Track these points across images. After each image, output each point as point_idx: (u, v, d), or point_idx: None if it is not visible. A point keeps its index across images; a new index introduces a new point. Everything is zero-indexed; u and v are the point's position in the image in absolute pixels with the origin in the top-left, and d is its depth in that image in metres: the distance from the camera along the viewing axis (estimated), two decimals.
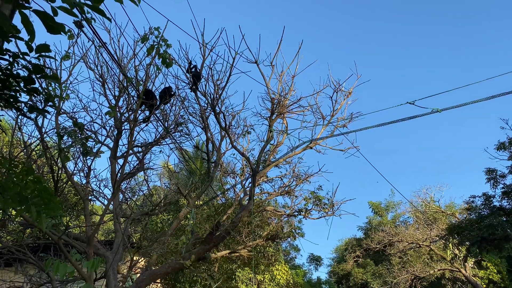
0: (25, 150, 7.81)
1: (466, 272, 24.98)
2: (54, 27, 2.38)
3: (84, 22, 5.71)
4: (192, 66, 9.36)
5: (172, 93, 9.01)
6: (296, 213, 12.54)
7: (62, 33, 2.40)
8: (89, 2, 2.61)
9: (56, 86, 6.24)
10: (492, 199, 19.11)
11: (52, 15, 2.37)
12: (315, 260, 35.81)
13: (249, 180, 12.22)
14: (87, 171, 8.26)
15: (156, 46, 6.84)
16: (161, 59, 6.67)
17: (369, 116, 11.23)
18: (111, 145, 8.39)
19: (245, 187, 12.47)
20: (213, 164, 10.88)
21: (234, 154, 13.09)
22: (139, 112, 8.47)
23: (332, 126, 11.60)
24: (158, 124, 9.14)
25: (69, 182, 8.03)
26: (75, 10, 2.55)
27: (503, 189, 18.62)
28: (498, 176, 18.76)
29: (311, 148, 11.54)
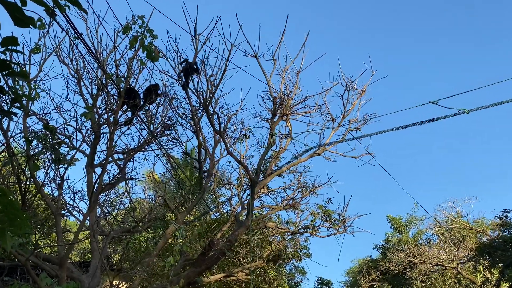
0: None
1: None
2: (22, 20, 2.39)
3: (57, 10, 5.74)
4: (183, 60, 9.40)
5: (159, 91, 9.03)
6: (301, 231, 12.55)
7: (31, 26, 2.42)
8: None
9: (24, 84, 6.26)
10: None
11: (21, 5, 2.40)
12: (324, 284, 35.72)
13: (248, 192, 12.25)
14: (59, 181, 8.25)
15: (140, 38, 6.87)
16: (145, 52, 6.69)
17: (385, 117, 11.30)
18: (87, 152, 8.39)
19: (243, 200, 12.50)
20: (205, 173, 10.88)
21: (230, 162, 13.23)
22: (120, 113, 8.49)
23: (343, 130, 11.66)
24: (142, 127, 9.16)
25: (39, 195, 8.01)
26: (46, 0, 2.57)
27: None
28: None
29: (319, 155, 11.56)
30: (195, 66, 9.32)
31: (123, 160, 9.05)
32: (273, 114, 11.29)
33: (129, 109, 8.68)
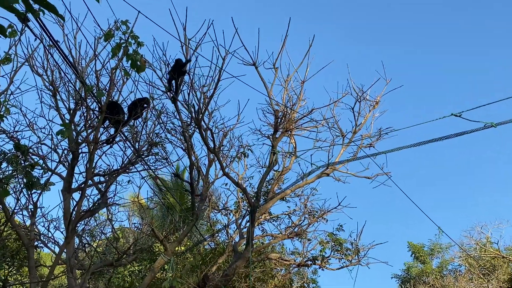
0: None
1: None
2: None
3: (30, 15, 5.81)
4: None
5: (145, 105, 9.07)
6: (309, 262, 12.47)
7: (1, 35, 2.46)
8: None
9: None
10: None
11: None
12: None
13: (247, 218, 12.20)
14: (32, 208, 8.23)
15: (123, 45, 6.91)
16: (130, 61, 6.73)
17: (402, 132, 11.28)
18: (64, 174, 8.39)
19: (242, 227, 12.43)
20: (198, 197, 10.85)
21: (226, 184, 13.12)
22: (102, 130, 8.50)
23: (354, 146, 11.68)
24: (126, 145, 9.18)
25: (9, 224, 7.99)
26: (17, 6, 2.60)
27: None
28: None
29: (327, 175, 11.56)
30: (183, 69, 9.35)
31: (104, 184, 9.04)
32: (275, 129, 11.33)
33: (111, 126, 8.70)
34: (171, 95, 9.58)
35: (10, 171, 7.25)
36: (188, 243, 15.25)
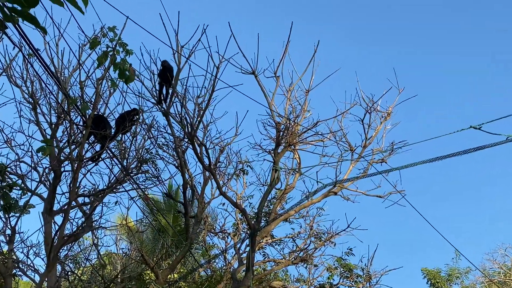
0: None
1: None
2: None
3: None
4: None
5: (134, 118, 9.05)
6: None
7: None
8: (17, 7, 2.67)
9: None
10: None
11: None
12: None
13: (247, 242, 12.10)
14: (10, 233, 8.16)
15: (110, 53, 6.91)
16: (117, 71, 6.73)
17: (417, 146, 11.21)
18: (45, 195, 8.35)
19: (241, 252, 12.34)
20: (193, 219, 10.79)
21: (223, 204, 13.05)
22: (86, 146, 8.48)
23: (364, 162, 11.62)
24: (113, 162, 9.14)
25: None
26: None
27: None
28: None
29: (335, 194, 11.50)
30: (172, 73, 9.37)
31: (89, 205, 8.99)
32: (276, 143, 11.30)
33: (97, 141, 8.67)
34: (162, 107, 9.57)
35: None
36: (182, 270, 15.13)
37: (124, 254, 13.11)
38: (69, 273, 9.98)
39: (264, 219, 12.14)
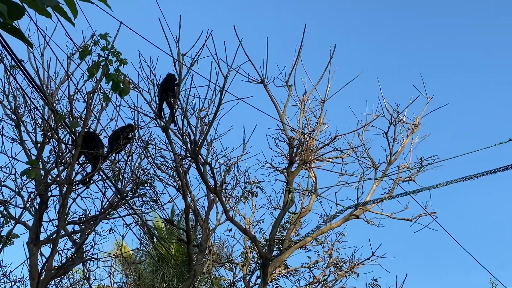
0: None
1: None
2: None
3: None
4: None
5: (129, 135, 9.08)
6: None
7: None
8: None
9: None
10: None
11: None
12: None
13: (257, 273, 12.04)
14: None
15: (102, 63, 6.95)
16: (110, 82, 6.75)
17: (450, 162, 11.18)
18: (30, 223, 8.35)
19: (251, 285, 12.27)
20: (196, 248, 10.76)
21: (230, 230, 13.00)
22: (76, 168, 8.50)
23: (390, 181, 11.57)
24: (106, 185, 9.16)
25: None
26: None
27: None
28: None
29: (357, 217, 11.45)
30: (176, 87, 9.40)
31: (80, 233, 8.98)
32: (290, 161, 11.30)
33: (88, 162, 8.70)
34: (162, 123, 9.59)
35: None
36: None
37: None
38: None
39: (277, 246, 12.09)
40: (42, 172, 8.25)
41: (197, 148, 9.31)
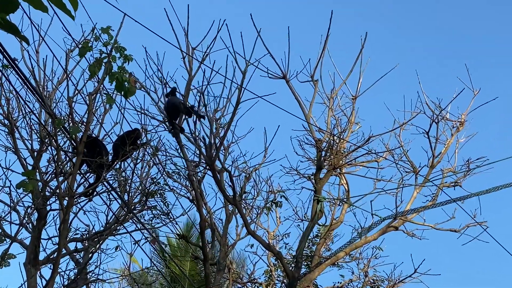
0: None
1: None
2: None
3: None
4: (169, 91, 9.58)
5: (138, 140, 9.11)
6: None
7: None
8: None
9: None
10: None
11: None
12: None
13: None
14: None
15: (105, 60, 6.98)
16: (114, 82, 6.77)
17: (500, 165, 11.08)
18: (28, 242, 8.40)
19: None
20: (214, 266, 10.77)
21: (252, 246, 13.00)
22: (78, 178, 8.54)
23: (433, 187, 11.49)
24: (111, 197, 9.21)
25: None
26: None
27: None
28: None
29: (396, 229, 11.38)
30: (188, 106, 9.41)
31: (83, 252, 9.03)
32: (318, 166, 11.26)
33: (91, 171, 8.76)
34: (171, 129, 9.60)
35: None
36: None
37: None
38: None
39: (305, 263, 12.07)
40: (39, 184, 8.27)
41: (213, 153, 9.14)
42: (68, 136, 8.14)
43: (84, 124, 8.09)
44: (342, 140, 11.37)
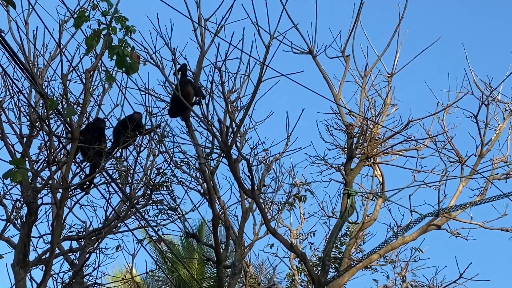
0: None
1: None
2: None
3: None
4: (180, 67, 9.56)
5: (141, 125, 9.12)
6: None
7: None
8: None
9: None
10: None
11: None
12: None
13: None
14: None
15: (104, 32, 6.98)
16: (114, 57, 6.77)
17: None
18: (16, 240, 8.45)
19: None
20: (228, 269, 10.79)
21: (272, 246, 12.99)
22: (73, 168, 8.57)
23: (482, 179, 11.44)
24: (111, 190, 9.23)
25: None
26: None
27: None
28: None
29: (438, 227, 11.36)
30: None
31: (79, 252, 9.07)
32: (348, 155, 11.25)
33: (88, 160, 8.77)
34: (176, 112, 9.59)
35: None
36: None
37: None
38: None
39: (333, 267, 12.05)
40: (29, 174, 8.28)
41: (229, 140, 8.95)
42: (62, 119, 8.16)
43: (80, 105, 8.08)
44: (376, 125, 11.31)
